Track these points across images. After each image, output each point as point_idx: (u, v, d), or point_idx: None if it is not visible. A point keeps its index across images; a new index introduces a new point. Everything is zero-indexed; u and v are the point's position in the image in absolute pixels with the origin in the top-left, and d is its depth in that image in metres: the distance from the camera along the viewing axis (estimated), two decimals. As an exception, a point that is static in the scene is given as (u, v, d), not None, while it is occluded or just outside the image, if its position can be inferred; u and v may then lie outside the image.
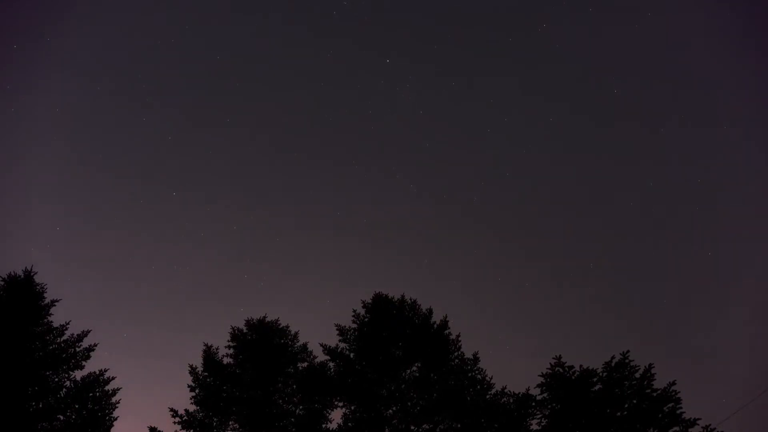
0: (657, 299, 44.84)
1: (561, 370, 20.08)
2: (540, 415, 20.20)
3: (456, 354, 22.20)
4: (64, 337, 18.99)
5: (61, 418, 17.80)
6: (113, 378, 18.78)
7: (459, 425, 20.64)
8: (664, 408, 18.53)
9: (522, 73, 49.81)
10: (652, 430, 18.46)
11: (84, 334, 18.99)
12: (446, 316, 22.84)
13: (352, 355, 22.71)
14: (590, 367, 19.87)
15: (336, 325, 23.13)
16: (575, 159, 50.01)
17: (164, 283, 46.12)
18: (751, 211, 40.40)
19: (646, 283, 46.61)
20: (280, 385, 22.38)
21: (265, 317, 23.77)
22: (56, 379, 18.34)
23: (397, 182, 49.64)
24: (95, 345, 19.06)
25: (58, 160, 42.97)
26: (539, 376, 20.32)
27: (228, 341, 23.12)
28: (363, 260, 50.02)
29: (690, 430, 18.16)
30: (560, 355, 20.22)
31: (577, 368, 20.01)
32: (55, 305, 19.41)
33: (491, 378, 21.54)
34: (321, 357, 23.02)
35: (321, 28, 49.57)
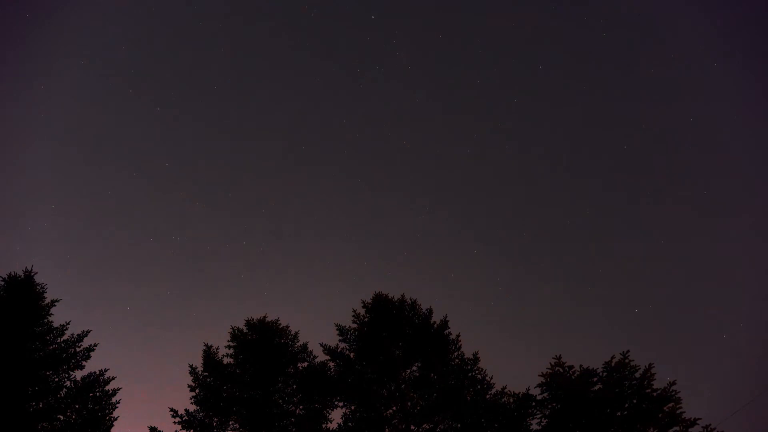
0: (658, 299, 44.88)
1: (561, 370, 20.09)
2: (540, 415, 20.21)
3: (456, 354, 22.18)
4: (64, 337, 18.99)
5: (61, 418, 17.77)
6: (113, 378, 18.77)
7: (459, 425, 20.62)
8: (664, 408, 18.54)
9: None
10: (652, 430, 18.47)
11: (84, 334, 18.98)
12: (446, 316, 22.84)
13: (352, 355, 22.70)
14: (590, 367, 19.89)
15: (336, 325, 23.15)
16: (572, 135, 49.14)
17: (164, 282, 46.22)
18: (752, 209, 40.45)
19: (648, 283, 46.67)
20: (280, 385, 22.36)
21: (265, 317, 23.77)
22: (56, 379, 18.31)
23: (398, 183, 49.65)
24: (95, 345, 19.06)
25: (55, 158, 42.99)
26: (539, 376, 20.36)
27: (228, 341, 23.12)
28: (363, 259, 50.08)
29: (690, 430, 18.18)
30: (560, 355, 20.27)
31: (577, 368, 20.05)
32: (55, 305, 19.41)
33: (491, 378, 21.57)
34: (321, 357, 23.06)
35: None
